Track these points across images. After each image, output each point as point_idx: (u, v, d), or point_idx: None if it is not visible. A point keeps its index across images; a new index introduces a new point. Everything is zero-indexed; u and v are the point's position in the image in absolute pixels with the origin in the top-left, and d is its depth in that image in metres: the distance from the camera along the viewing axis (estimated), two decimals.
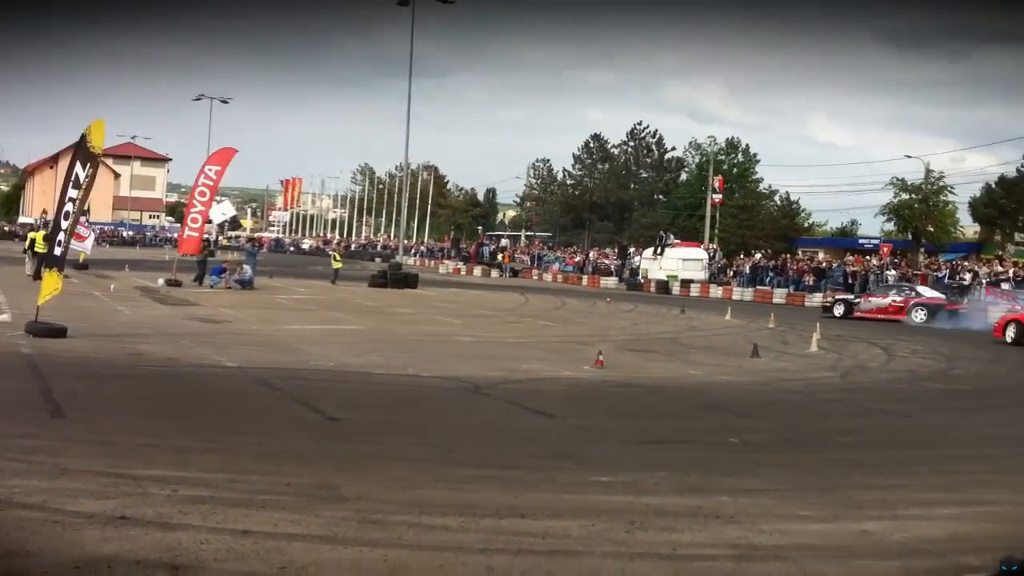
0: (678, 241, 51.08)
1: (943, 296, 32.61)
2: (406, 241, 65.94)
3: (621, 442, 9.52)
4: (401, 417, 10.56)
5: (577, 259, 60.35)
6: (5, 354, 13.18)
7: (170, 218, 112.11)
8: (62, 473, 6.80)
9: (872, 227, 68.69)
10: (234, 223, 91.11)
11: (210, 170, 31.99)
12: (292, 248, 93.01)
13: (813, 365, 17.45)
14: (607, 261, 57.78)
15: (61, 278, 16.06)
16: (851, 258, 48.04)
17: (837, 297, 34.96)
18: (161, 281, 30.96)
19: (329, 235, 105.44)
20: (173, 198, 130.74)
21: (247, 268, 32.07)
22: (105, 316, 19.95)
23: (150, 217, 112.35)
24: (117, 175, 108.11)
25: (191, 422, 9.33)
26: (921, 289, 33.46)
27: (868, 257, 47.75)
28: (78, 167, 15.97)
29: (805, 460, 8.91)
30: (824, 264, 46.82)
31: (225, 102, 73.15)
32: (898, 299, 31.77)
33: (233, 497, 6.43)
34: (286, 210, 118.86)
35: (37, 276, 28.35)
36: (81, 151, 16.12)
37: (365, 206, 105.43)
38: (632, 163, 79.85)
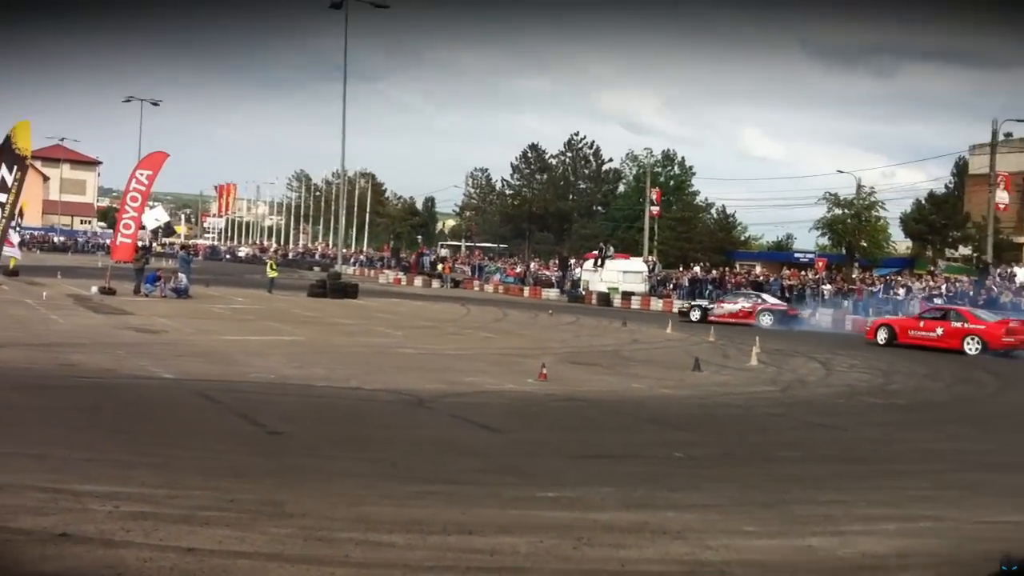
0: (617, 253, 51.43)
1: (784, 303, 36.85)
2: (345, 250, 65.51)
3: (566, 456, 9.53)
4: (344, 431, 10.47)
5: (518, 270, 60.44)
6: None
7: (102, 224, 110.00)
8: None
9: (807, 241, 69.86)
10: (168, 229, 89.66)
11: (141, 174, 31.43)
12: (228, 256, 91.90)
13: (754, 379, 17.65)
14: (548, 272, 57.96)
15: None
16: (788, 272, 48.72)
17: (693, 303, 38.23)
18: (95, 289, 30.33)
19: (266, 243, 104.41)
20: (105, 203, 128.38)
21: (182, 276, 31.59)
22: (37, 325, 19.51)
23: (81, 222, 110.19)
24: (46, 178, 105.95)
25: (129, 436, 9.15)
26: (766, 296, 37.28)
27: (804, 271, 48.47)
28: (3, 170, 15.59)
29: (748, 475, 9.00)
30: (762, 278, 47.43)
31: (156, 104, 71.85)
32: (747, 305, 35.26)
33: (175, 513, 6.31)
34: (221, 216, 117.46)
35: None
36: (6, 153, 15.77)
37: (302, 213, 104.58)
38: (570, 174, 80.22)
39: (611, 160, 79.32)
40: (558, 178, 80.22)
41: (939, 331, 26.20)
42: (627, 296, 46.16)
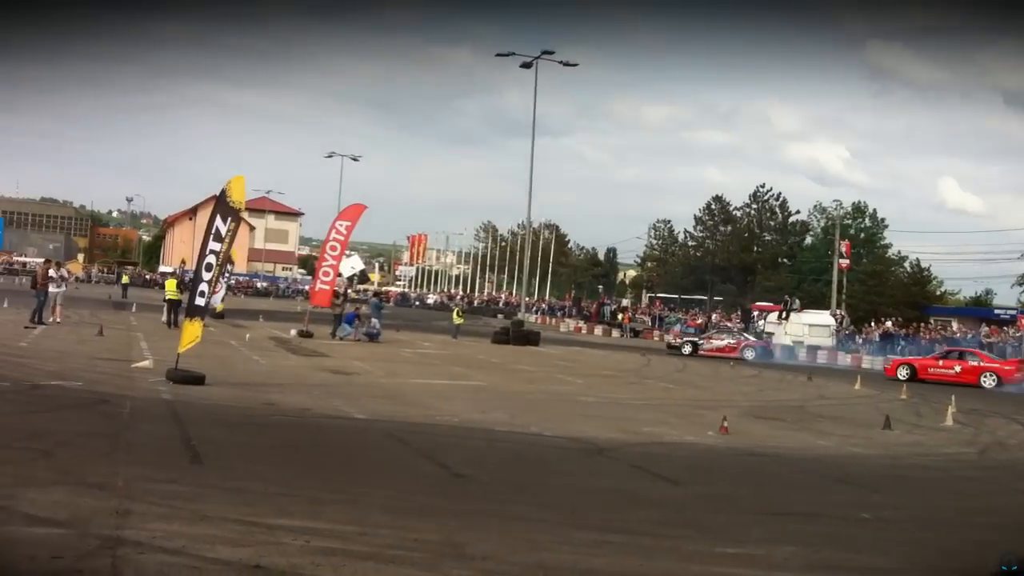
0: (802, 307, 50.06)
1: (763, 340, 43.76)
2: (527, 298, 66.38)
3: (748, 512, 9.34)
4: (525, 476, 10.60)
5: (699, 321, 59.65)
6: (147, 400, 13.77)
7: (302, 270, 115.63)
8: (201, 519, 7.05)
9: (1008, 297, 66.07)
10: (363, 277, 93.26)
11: (341, 225, 32.98)
12: (417, 303, 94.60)
13: (949, 440, 16.80)
14: (729, 324, 56.97)
15: (201, 327, 16.73)
16: (987, 329, 46.21)
17: (685, 339, 44.15)
18: (294, 332, 31.95)
19: (453, 290, 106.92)
20: (305, 251, 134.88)
21: (375, 321, 32.79)
22: (241, 365, 20.65)
23: (283, 269, 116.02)
24: (252, 228, 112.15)
25: (322, 472, 9.56)
26: (746, 335, 44.79)
27: (1005, 328, 45.85)
28: (219, 220, 16.65)
29: (942, 540, 8.58)
30: (959, 334, 45.11)
31: (355, 159, 75.48)
32: (732, 341, 41.66)
33: (363, 551, 6.57)
34: (412, 265, 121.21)
35: (172, 323, 29.67)
36: (222, 205, 16.83)
37: (487, 263, 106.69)
38: (755, 225, 78.84)
39: (798, 212, 77.63)
40: (742, 230, 78.97)
41: None
42: (812, 350, 44.81)
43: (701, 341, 42.05)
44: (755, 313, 56.13)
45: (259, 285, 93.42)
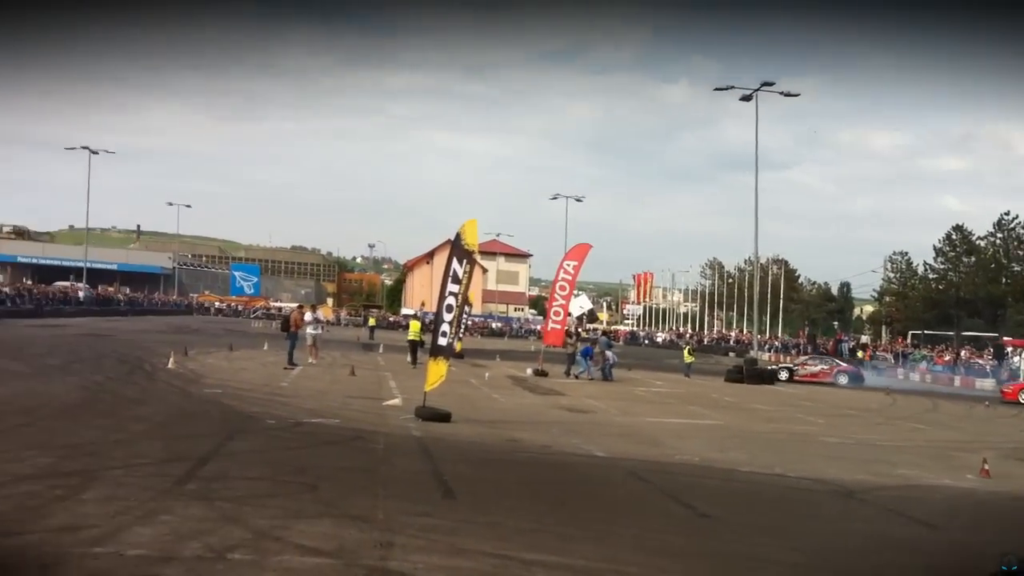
0: None
1: (854, 366, 44.90)
2: (759, 335, 64.78)
3: None
4: (770, 518, 10.36)
5: (946, 358, 56.26)
6: (398, 436, 14.42)
7: (533, 311, 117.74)
8: (458, 552, 7.33)
9: None
10: (591, 316, 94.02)
11: (568, 265, 33.45)
12: (646, 341, 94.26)
13: None
14: (980, 361, 53.39)
15: (446, 366, 17.38)
16: None
17: (781, 365, 46.25)
18: (529, 371, 32.59)
19: (681, 328, 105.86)
20: (535, 292, 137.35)
21: (610, 355, 32.96)
22: (483, 403, 21.25)
23: (515, 310, 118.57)
24: (485, 270, 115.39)
25: (568, 509, 9.70)
26: (838, 360, 46.30)
27: None
28: (455, 263, 17.29)
29: None
30: None
31: (579, 200, 76.36)
32: (825, 367, 42.76)
33: None
34: (639, 304, 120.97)
35: (415, 362, 30.95)
36: (457, 248, 17.46)
37: (715, 300, 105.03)
38: (1002, 256, 73.68)
39: None
40: (987, 260, 73.96)
41: None
42: None
43: (796, 367, 43.68)
44: (1008, 349, 52.40)
45: (493, 326, 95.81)
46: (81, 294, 68.85)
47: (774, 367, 46.67)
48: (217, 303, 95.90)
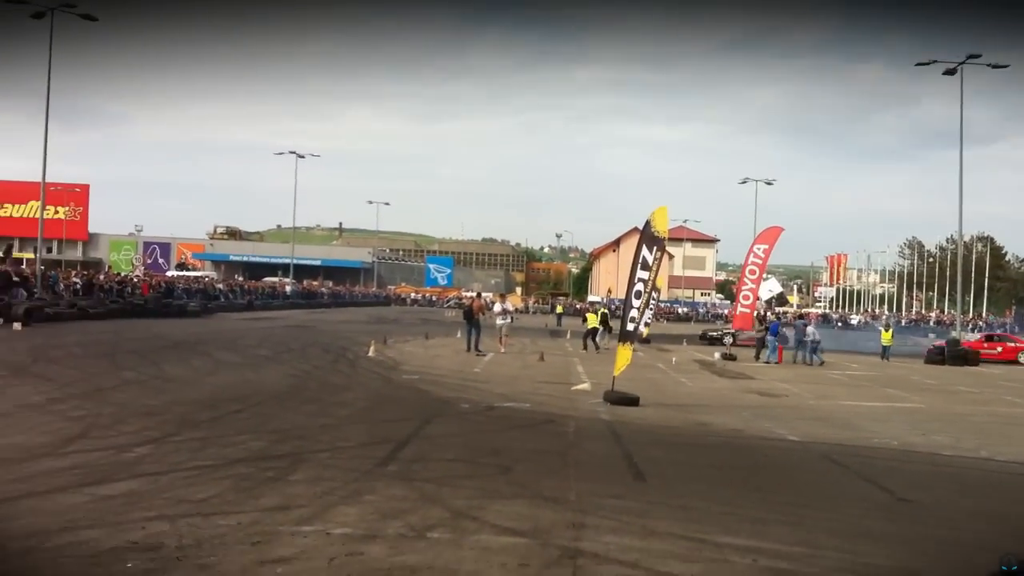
0: None
1: None
2: (961, 316, 61.44)
3: None
4: (978, 503, 9.92)
5: None
6: (588, 419, 14.58)
7: (719, 295, 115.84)
8: (650, 534, 7.37)
9: None
10: (780, 299, 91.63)
11: (759, 248, 32.82)
12: (839, 324, 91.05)
13: None
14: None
15: (632, 351, 17.43)
16: None
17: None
18: (717, 355, 32.19)
19: (876, 310, 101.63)
20: (721, 276, 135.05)
21: (811, 331, 32.13)
22: (670, 387, 21.17)
23: (701, 295, 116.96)
24: (671, 256, 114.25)
25: (761, 493, 9.58)
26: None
27: None
28: (644, 250, 17.27)
29: None
30: None
31: (769, 184, 74.40)
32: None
33: (812, 572, 6.54)
34: (831, 286, 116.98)
35: (585, 348, 31.27)
36: (647, 235, 17.44)
37: (914, 280, 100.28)
38: None
39: None
40: None
41: None
42: None
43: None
44: None
45: (680, 311, 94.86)
46: (288, 289, 72.43)
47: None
48: (413, 294, 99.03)
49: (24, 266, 44.16)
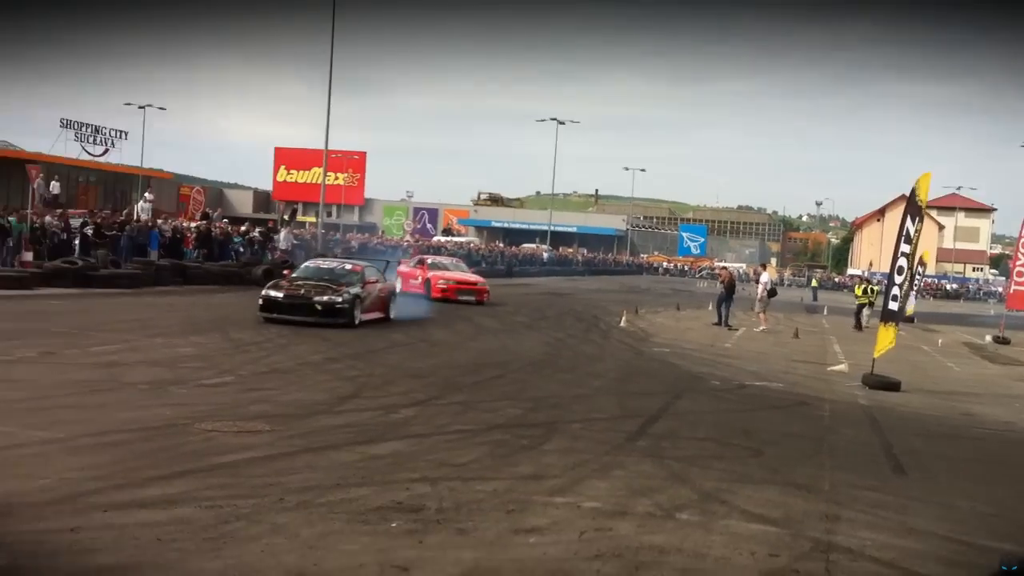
0: None
1: None
2: None
3: None
4: None
5: None
6: (844, 403, 14.13)
7: (993, 271, 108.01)
8: (908, 532, 7.10)
9: None
10: None
11: None
12: None
13: None
14: None
15: (895, 332, 16.67)
16: None
17: None
18: (988, 338, 30.16)
19: None
20: (997, 249, 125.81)
21: None
22: (934, 372, 20.13)
23: (973, 269, 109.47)
24: (941, 227, 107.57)
25: None
26: None
27: None
28: (908, 221, 16.39)
29: None
30: None
31: None
32: None
33: None
34: None
35: (858, 327, 29.88)
36: (911, 205, 16.56)
37: None
38: None
39: None
40: None
41: None
42: None
43: None
44: None
45: (948, 287, 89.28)
46: (545, 255, 73.91)
47: None
48: (665, 263, 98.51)
49: (306, 228, 47.09)
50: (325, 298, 18.34)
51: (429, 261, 31.40)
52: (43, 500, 6.19)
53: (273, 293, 18.56)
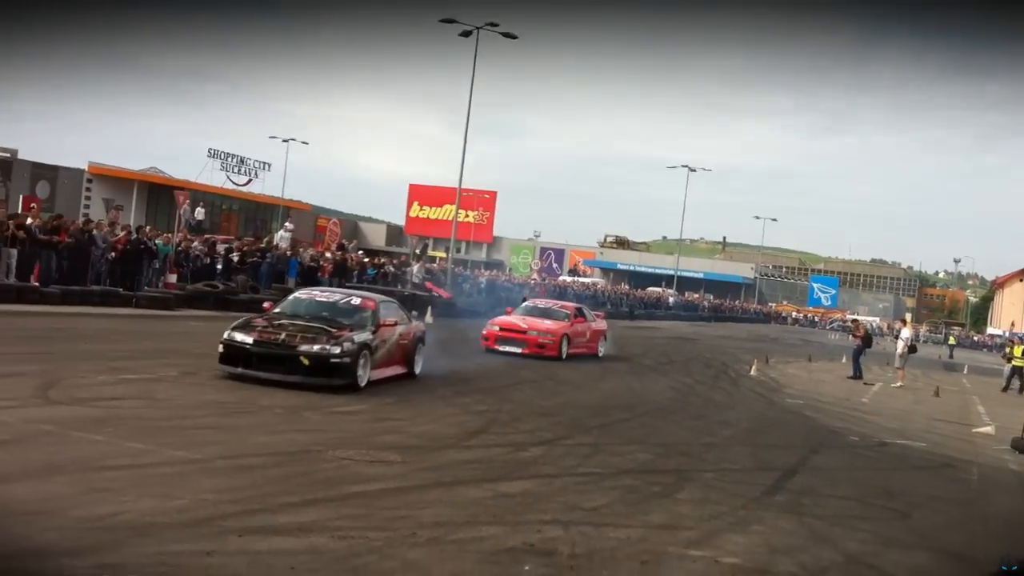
0: None
1: None
2: None
3: None
4: None
5: None
6: (993, 468, 13.35)
7: None
8: None
9: None
10: None
11: None
12: None
13: None
14: None
15: None
16: None
17: None
18: None
19: None
20: None
21: None
22: None
23: None
24: None
25: None
26: None
27: None
28: None
29: None
30: None
31: None
32: None
33: None
34: None
35: (1007, 387, 28.43)
36: None
37: None
38: None
39: None
40: None
41: None
42: None
43: None
44: None
45: None
46: (671, 300, 73.12)
47: None
48: (794, 313, 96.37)
49: (436, 264, 47.75)
50: (315, 348, 12.57)
51: (524, 305, 24.54)
52: (179, 521, 6.24)
53: (240, 337, 12.80)
